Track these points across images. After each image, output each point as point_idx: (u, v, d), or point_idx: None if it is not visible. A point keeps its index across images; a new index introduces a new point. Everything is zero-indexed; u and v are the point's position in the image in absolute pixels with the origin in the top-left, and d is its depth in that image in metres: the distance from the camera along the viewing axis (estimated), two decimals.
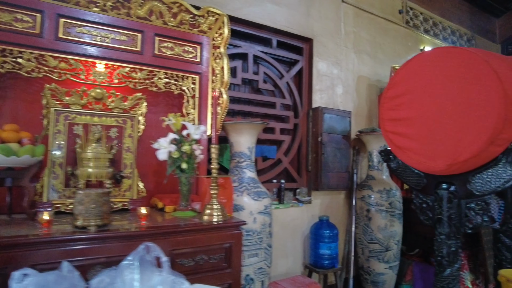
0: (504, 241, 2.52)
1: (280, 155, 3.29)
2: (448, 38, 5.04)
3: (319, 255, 3.01)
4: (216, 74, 2.50)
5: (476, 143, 1.73)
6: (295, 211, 3.23)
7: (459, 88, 1.84)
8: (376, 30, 4.05)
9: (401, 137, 2.12)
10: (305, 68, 3.50)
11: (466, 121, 1.79)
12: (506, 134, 1.73)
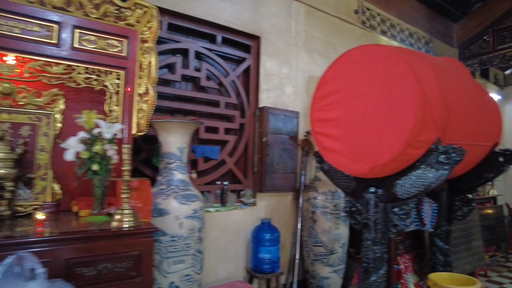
0: (438, 244, 2.50)
1: (224, 155, 3.18)
2: (405, 40, 5.06)
3: (259, 259, 2.91)
4: (144, 69, 2.36)
5: (395, 146, 1.68)
6: (238, 213, 3.13)
7: (381, 88, 1.78)
8: (330, 30, 4.00)
9: (328, 139, 2.05)
10: (253, 66, 3.40)
11: (386, 122, 1.73)
12: (425, 136, 1.68)
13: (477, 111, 2.03)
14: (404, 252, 3.35)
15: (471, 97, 2.01)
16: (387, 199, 1.93)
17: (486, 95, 2.24)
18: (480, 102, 2.11)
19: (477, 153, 2.15)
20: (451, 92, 1.82)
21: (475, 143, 2.02)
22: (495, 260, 5.30)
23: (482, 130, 2.07)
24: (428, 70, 1.74)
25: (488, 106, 2.19)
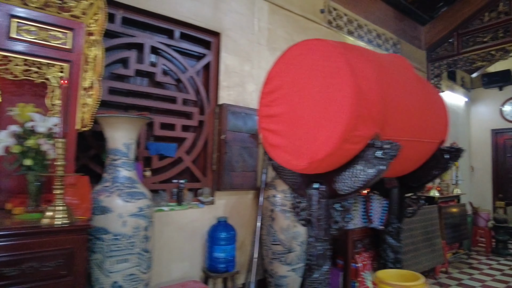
0: (389, 241, 2.51)
1: (181, 153, 3.12)
2: (373, 41, 5.13)
3: (214, 259, 2.87)
4: (89, 62, 2.28)
5: (331, 141, 1.66)
6: (194, 212, 3.07)
7: (319, 83, 1.77)
8: (294, 28, 4.00)
9: (273, 135, 2.03)
10: (213, 63, 3.36)
11: (323, 117, 1.72)
12: (362, 131, 1.67)
13: (421, 108, 2.05)
14: (362, 250, 3.36)
15: (414, 94, 2.02)
16: (329, 195, 1.92)
17: (432, 93, 2.27)
18: (425, 99, 2.13)
19: (422, 150, 2.17)
20: (392, 88, 1.83)
21: (419, 140, 2.03)
22: (458, 257, 5.42)
23: (426, 127, 2.09)
24: (367, 65, 1.74)
25: (433, 104, 2.22)
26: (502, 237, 5.77)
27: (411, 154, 2.08)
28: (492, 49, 5.40)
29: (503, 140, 7.27)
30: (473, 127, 7.71)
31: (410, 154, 2.08)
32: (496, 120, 7.29)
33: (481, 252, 5.89)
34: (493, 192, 7.32)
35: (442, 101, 2.34)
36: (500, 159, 7.29)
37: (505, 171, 7.21)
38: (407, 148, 2.00)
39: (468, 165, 7.60)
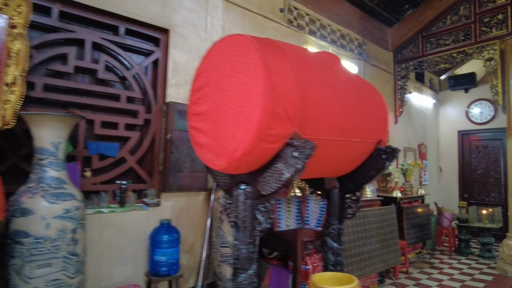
0: (330, 244, 2.47)
1: (124, 153, 3.01)
2: (337, 41, 5.12)
3: (155, 262, 2.77)
4: (12, 57, 2.16)
5: (246, 140, 1.60)
6: (138, 214, 2.97)
7: (237, 79, 1.70)
8: (252, 27, 3.94)
9: (199, 133, 1.96)
10: (162, 60, 3.27)
11: (240, 115, 1.65)
12: (278, 130, 1.61)
13: (352, 107, 2.01)
14: (314, 252, 3.31)
15: (344, 93, 1.98)
16: (254, 196, 1.85)
17: (368, 92, 2.24)
18: (358, 99, 2.09)
19: (356, 150, 2.13)
20: (315, 86, 1.78)
21: (349, 140, 1.99)
22: (421, 257, 5.47)
23: (359, 127, 2.05)
24: (285, 62, 1.68)
25: (369, 103, 2.18)
26: (464, 236, 5.85)
27: (343, 154, 2.04)
28: (453, 51, 5.47)
29: (469, 141, 7.40)
30: (441, 128, 7.82)
31: (341, 154, 2.03)
32: (463, 121, 7.41)
33: (445, 252, 5.96)
34: (460, 192, 7.44)
35: (381, 101, 2.31)
36: (466, 160, 7.41)
37: (471, 171, 7.33)
38: (336, 148, 1.96)
39: (436, 166, 7.70)
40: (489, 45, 5.10)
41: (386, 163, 2.21)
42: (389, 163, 2.21)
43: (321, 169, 2.08)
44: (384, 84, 6.06)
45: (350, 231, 3.43)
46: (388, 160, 2.20)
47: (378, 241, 3.73)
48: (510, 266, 4.58)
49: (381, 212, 3.88)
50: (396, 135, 6.28)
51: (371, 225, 3.69)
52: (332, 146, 1.90)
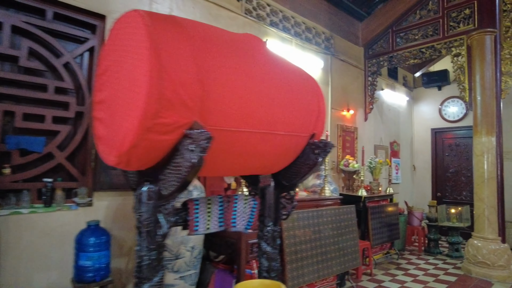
0: (263, 247, 2.26)
1: (52, 148, 2.75)
2: (302, 34, 4.93)
3: (80, 267, 2.53)
4: None
5: (131, 130, 1.37)
6: (66, 215, 2.72)
7: (129, 61, 1.47)
8: (204, 16, 3.72)
9: (99, 124, 1.73)
10: (98, 48, 3.02)
11: (130, 102, 1.43)
12: (169, 118, 1.39)
13: (275, 95, 1.80)
14: None
15: (266, 80, 1.77)
16: (157, 196, 1.63)
17: (298, 80, 2.03)
18: (284, 86, 1.89)
19: (282, 145, 1.92)
20: (223, 70, 1.56)
21: (271, 132, 1.78)
22: (389, 257, 5.33)
23: (283, 118, 1.85)
24: (184, 41, 1.47)
25: (299, 91, 1.98)
26: (433, 236, 5.74)
27: (265, 149, 1.83)
28: (422, 47, 5.34)
29: (442, 140, 7.31)
30: (415, 126, 7.72)
31: (263, 149, 1.83)
32: (436, 119, 7.32)
33: (414, 252, 5.85)
34: (433, 191, 7.35)
35: (315, 90, 2.11)
36: (439, 158, 7.33)
37: (443, 170, 7.25)
38: (253, 141, 1.75)
39: (410, 164, 7.60)
40: (457, 41, 4.98)
41: (319, 159, 2.02)
42: (322, 159, 2.02)
43: (239, 165, 1.87)
44: (353, 80, 5.91)
45: (302, 232, 3.25)
46: (320, 155, 2.01)
47: (334, 242, 3.56)
48: (474, 267, 4.47)
49: (338, 211, 3.70)
50: (366, 133, 6.14)
51: (326, 226, 3.51)
52: (249, 139, 1.69)
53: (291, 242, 3.13)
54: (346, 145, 5.59)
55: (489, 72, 4.56)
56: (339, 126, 5.46)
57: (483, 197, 4.55)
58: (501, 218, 4.58)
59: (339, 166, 5.34)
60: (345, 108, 5.64)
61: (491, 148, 4.54)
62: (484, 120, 4.58)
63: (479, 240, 4.51)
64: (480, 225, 4.56)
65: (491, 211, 4.49)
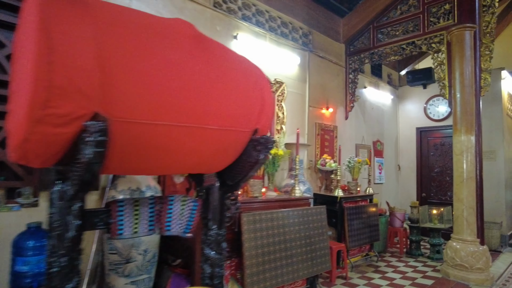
0: (206, 253, 2.09)
1: None
2: (277, 29, 4.77)
3: (15, 273, 2.36)
4: None
5: (22, 123, 1.21)
6: (5, 217, 2.55)
7: (26, 44, 1.31)
8: (166, 7, 3.55)
9: (8, 116, 1.56)
10: None
11: (23, 90, 1.27)
12: (63, 108, 1.22)
13: (206, 86, 1.64)
14: None
15: (195, 69, 1.61)
16: (68, 196, 1.47)
17: (238, 69, 1.86)
18: (219, 76, 1.72)
19: (219, 141, 1.76)
20: (135, 57, 1.40)
21: (200, 126, 1.62)
22: (368, 260, 5.19)
23: (218, 111, 1.68)
24: (86, 23, 1.30)
25: (238, 82, 1.81)
26: (415, 237, 5.60)
27: (194, 145, 1.67)
28: (403, 43, 5.21)
29: (427, 139, 7.18)
30: (400, 125, 7.59)
31: (191, 144, 1.66)
32: (421, 118, 7.19)
33: (396, 254, 5.71)
34: (418, 191, 7.22)
35: (259, 81, 1.94)
36: (424, 158, 7.20)
37: (429, 170, 7.12)
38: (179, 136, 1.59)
39: (395, 164, 7.46)
40: (437, 36, 4.84)
41: (260, 156, 1.86)
42: (263, 156, 1.86)
43: (166, 163, 1.71)
44: (334, 77, 5.76)
45: (265, 234, 3.09)
46: (262, 152, 1.85)
47: (302, 245, 3.40)
48: (452, 269, 4.33)
49: (307, 212, 3.55)
50: (346, 131, 5.99)
51: (293, 227, 3.36)
52: (169, 133, 1.53)
53: (251, 245, 2.97)
54: (325, 144, 5.44)
55: (469, 68, 4.42)
56: (317, 125, 5.31)
57: (462, 198, 4.41)
58: (480, 219, 4.44)
59: (317, 165, 5.19)
60: (324, 106, 5.48)
61: (470, 147, 4.40)
62: (463, 118, 4.44)
63: (458, 242, 4.37)
64: (459, 227, 4.42)
65: (470, 212, 4.35)
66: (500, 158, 6.14)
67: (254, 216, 3.05)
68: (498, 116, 6.16)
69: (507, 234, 6.13)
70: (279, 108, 4.35)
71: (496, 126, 6.16)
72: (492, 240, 5.82)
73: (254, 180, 3.43)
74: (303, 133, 5.10)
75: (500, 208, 6.09)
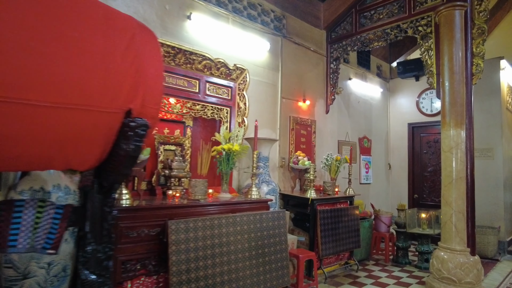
0: (84, 276, 1.59)
1: None
2: (243, 10, 4.25)
3: None
4: None
5: None
6: None
7: None
8: None
9: None
10: None
11: None
12: None
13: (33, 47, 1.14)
14: (143, 274, 2.46)
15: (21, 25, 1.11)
16: None
17: (96, 26, 1.35)
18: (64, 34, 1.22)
19: (60, 122, 1.25)
20: None
21: (25, 102, 1.12)
22: (348, 269, 4.64)
23: (60, 81, 1.18)
24: None
25: (96, 44, 1.31)
26: (402, 244, 5.04)
27: (16, 127, 1.16)
28: (387, 27, 4.65)
29: (419, 135, 6.60)
30: (391, 120, 7.01)
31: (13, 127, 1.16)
32: (413, 113, 6.61)
33: (380, 262, 5.15)
34: (410, 192, 6.65)
35: (136, 44, 1.43)
36: (417, 156, 6.62)
37: (421, 169, 6.54)
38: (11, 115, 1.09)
39: (385, 162, 6.89)
40: (424, 18, 4.28)
41: (130, 146, 1.35)
42: (135, 147, 1.35)
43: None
44: (312, 66, 5.21)
45: (199, 246, 2.57)
46: (131, 142, 1.34)
47: (250, 257, 2.88)
48: (438, 283, 3.77)
49: (260, 218, 3.02)
50: (327, 126, 5.44)
51: (239, 236, 2.84)
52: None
53: (181, 259, 2.45)
54: (301, 139, 4.90)
55: (459, 53, 3.85)
56: (291, 118, 4.77)
57: (450, 201, 3.84)
58: (471, 225, 3.87)
59: (290, 163, 4.66)
60: (301, 98, 4.95)
61: (460, 143, 3.83)
62: (452, 110, 3.87)
63: (445, 251, 3.81)
64: (447, 234, 3.85)
65: (459, 217, 3.78)
66: (498, 156, 5.55)
67: (187, 223, 2.53)
68: (496, 110, 5.57)
69: (505, 240, 5.54)
70: (241, 98, 3.83)
71: (494, 121, 5.57)
72: (488, 247, 5.24)
73: (196, 180, 2.92)
74: (275, 127, 4.58)
75: (498, 211, 5.50)
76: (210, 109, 3.59)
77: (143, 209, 2.47)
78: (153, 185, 3.19)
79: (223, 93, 3.73)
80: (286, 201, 4.50)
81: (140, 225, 2.43)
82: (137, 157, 1.38)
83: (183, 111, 3.39)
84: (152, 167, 3.24)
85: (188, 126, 3.55)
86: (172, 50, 3.24)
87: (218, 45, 3.89)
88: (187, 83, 3.39)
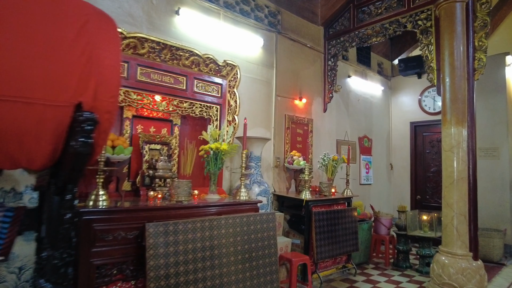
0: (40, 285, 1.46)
1: None
2: (235, 6, 4.11)
3: None
4: None
5: None
6: None
7: None
8: None
9: None
10: None
11: None
12: None
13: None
14: (120, 279, 2.33)
15: None
16: None
17: (40, 9, 1.23)
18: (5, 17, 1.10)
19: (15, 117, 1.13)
20: None
21: None
22: (345, 273, 4.48)
23: (13, 73, 1.06)
24: None
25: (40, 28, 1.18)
26: (403, 247, 4.86)
27: None
28: (385, 21, 4.48)
29: (422, 134, 6.41)
30: (393, 119, 6.82)
31: None
32: (416, 112, 6.42)
33: (380, 265, 4.97)
34: (412, 193, 6.45)
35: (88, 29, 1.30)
36: (419, 156, 6.43)
37: (424, 169, 6.34)
38: None
39: (386, 162, 6.71)
40: (424, 12, 4.11)
41: (78, 143, 1.21)
42: (81, 143, 1.21)
43: None
44: (309, 64, 5.06)
45: (180, 250, 2.44)
46: (78, 138, 1.21)
47: (236, 262, 2.73)
48: None
49: (247, 220, 2.88)
50: (325, 125, 5.28)
51: (224, 240, 2.69)
52: None
53: (160, 264, 2.32)
54: (297, 139, 4.75)
55: (460, 47, 3.67)
56: (287, 117, 4.62)
57: (451, 203, 3.66)
58: (473, 229, 3.69)
59: (285, 163, 4.51)
60: (297, 96, 4.80)
61: (462, 142, 3.65)
62: (453, 107, 3.69)
63: (447, 256, 3.63)
64: (448, 237, 3.67)
65: (461, 220, 3.60)
66: (504, 156, 5.33)
67: (166, 226, 2.40)
68: (502, 108, 5.36)
69: None
70: (231, 95, 3.69)
71: (500, 119, 5.37)
72: (493, 251, 5.03)
73: (179, 181, 2.78)
74: (269, 126, 4.43)
75: (504, 213, 5.29)
76: (199, 107, 3.45)
77: (119, 211, 2.35)
78: (137, 186, 3.07)
79: (212, 90, 3.59)
80: (281, 202, 4.35)
81: (117, 228, 2.30)
82: (87, 155, 1.25)
83: (170, 108, 3.26)
84: (137, 167, 3.12)
85: (176, 125, 3.42)
86: (158, 46, 3.11)
87: (208, 41, 3.76)
88: (174, 79, 3.26)
